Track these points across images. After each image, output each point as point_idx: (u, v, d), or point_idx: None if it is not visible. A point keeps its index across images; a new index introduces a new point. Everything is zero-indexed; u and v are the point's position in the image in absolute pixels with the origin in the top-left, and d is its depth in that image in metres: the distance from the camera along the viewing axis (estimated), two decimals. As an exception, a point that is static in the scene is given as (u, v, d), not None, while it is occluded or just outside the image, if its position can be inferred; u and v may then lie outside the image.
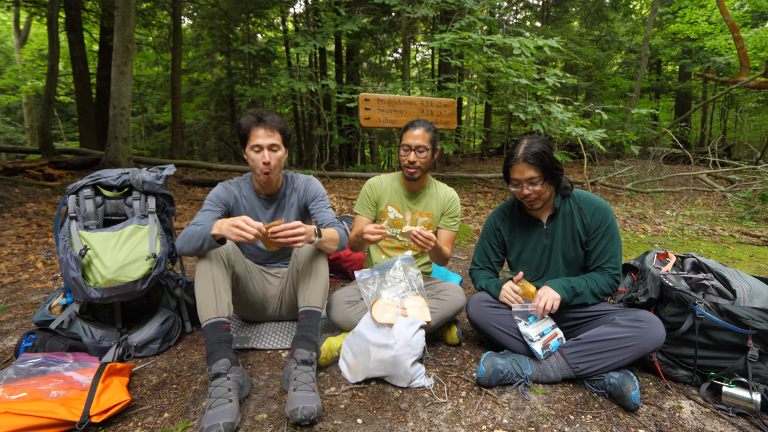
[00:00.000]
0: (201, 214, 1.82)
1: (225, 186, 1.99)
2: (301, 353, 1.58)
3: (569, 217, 1.85)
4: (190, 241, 1.63)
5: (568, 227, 1.85)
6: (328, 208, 2.02)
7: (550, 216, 1.88)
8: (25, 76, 12.71)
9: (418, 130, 2.03)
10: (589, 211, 1.82)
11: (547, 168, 1.73)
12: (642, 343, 1.59)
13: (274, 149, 1.86)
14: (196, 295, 1.64)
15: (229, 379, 1.46)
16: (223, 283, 1.65)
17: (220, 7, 11.11)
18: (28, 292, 2.75)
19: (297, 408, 1.37)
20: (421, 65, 16.95)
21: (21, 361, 1.54)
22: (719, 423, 1.49)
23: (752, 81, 8.75)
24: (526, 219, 1.93)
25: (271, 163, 1.84)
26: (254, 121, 1.84)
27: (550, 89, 5.78)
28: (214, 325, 1.58)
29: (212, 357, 1.51)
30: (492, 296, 1.89)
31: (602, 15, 13.95)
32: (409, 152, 2.02)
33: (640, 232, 5.11)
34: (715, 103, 15.89)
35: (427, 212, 2.15)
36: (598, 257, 1.81)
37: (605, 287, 1.77)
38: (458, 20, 6.44)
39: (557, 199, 1.86)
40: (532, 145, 1.74)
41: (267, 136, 1.83)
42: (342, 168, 9.49)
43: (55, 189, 5.65)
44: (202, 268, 1.65)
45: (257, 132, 1.83)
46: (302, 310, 1.73)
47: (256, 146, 1.83)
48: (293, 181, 2.09)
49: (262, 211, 2.04)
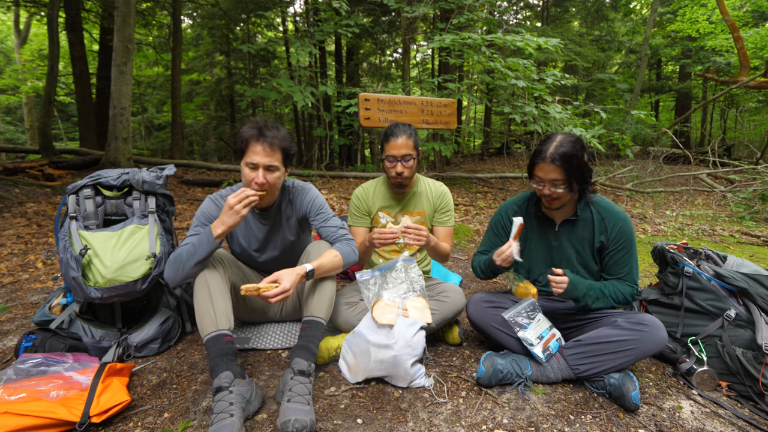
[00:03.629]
0: (189, 236, 1.70)
1: (214, 200, 1.81)
2: (299, 363, 1.51)
3: (587, 226, 1.78)
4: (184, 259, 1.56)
5: (585, 235, 1.78)
6: (329, 220, 1.88)
7: (566, 220, 1.80)
8: (25, 76, 12.72)
9: (400, 138, 1.93)
10: (611, 223, 1.74)
11: (575, 172, 1.62)
12: (643, 347, 1.58)
13: (272, 170, 1.68)
14: (195, 311, 1.59)
15: (232, 392, 1.39)
16: (220, 295, 1.59)
17: (220, 7, 11.11)
18: (28, 292, 2.75)
19: (289, 420, 1.31)
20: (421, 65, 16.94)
21: (21, 362, 1.53)
22: (719, 423, 1.49)
23: (752, 81, 8.75)
24: (541, 217, 1.86)
25: (265, 185, 1.67)
26: (255, 134, 1.64)
27: (549, 89, 5.78)
28: (214, 338, 1.52)
29: (214, 371, 1.44)
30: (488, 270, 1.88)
31: (602, 15, 13.96)
32: (395, 163, 1.94)
33: (640, 232, 5.11)
34: (715, 103, 15.89)
35: (418, 211, 2.14)
36: (618, 268, 1.75)
37: (627, 294, 1.73)
38: (457, 17, 6.44)
39: (580, 205, 1.78)
40: (563, 144, 1.62)
41: (266, 155, 1.64)
42: (342, 168, 9.49)
43: (55, 189, 5.65)
44: (198, 283, 1.60)
45: (256, 148, 1.64)
46: (305, 319, 1.68)
47: (252, 164, 1.65)
48: (290, 192, 1.92)
49: (257, 226, 1.93)
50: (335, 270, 1.74)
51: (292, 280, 1.56)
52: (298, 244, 2.00)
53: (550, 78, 5.56)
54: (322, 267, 1.68)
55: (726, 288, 1.77)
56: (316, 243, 1.86)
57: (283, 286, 1.53)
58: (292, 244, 1.98)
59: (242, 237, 1.94)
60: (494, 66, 5.66)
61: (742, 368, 1.64)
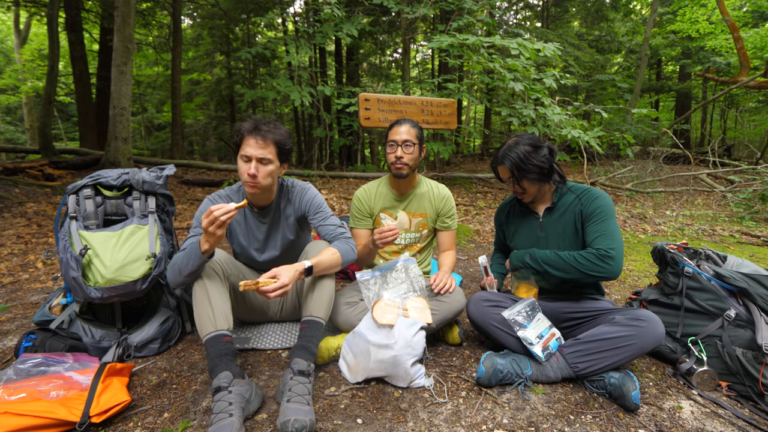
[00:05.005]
0: (188, 239, 1.72)
1: (212, 200, 1.84)
2: (298, 363, 1.52)
3: (569, 210, 1.85)
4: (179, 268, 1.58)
5: (568, 220, 1.85)
6: (328, 219, 1.89)
7: (547, 209, 1.90)
8: (25, 76, 12.73)
9: (403, 126, 2.04)
10: (586, 198, 1.83)
11: (525, 171, 1.77)
12: (641, 342, 1.59)
13: (264, 162, 1.71)
14: (194, 313, 1.59)
15: (231, 392, 1.39)
16: (218, 296, 1.59)
17: (220, 7, 11.12)
18: (28, 292, 2.75)
19: (289, 420, 1.31)
20: (421, 65, 16.94)
21: (21, 362, 1.53)
22: (719, 423, 1.49)
23: (752, 81, 8.75)
24: (525, 211, 1.99)
25: (257, 176, 1.70)
26: (250, 129, 1.71)
27: (548, 90, 5.78)
28: (213, 339, 1.52)
29: (214, 371, 1.45)
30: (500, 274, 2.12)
31: (602, 15, 13.95)
32: (395, 148, 2.02)
33: (640, 232, 5.11)
34: (715, 103, 15.89)
35: (420, 212, 2.15)
36: (591, 238, 1.76)
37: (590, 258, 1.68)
38: (457, 19, 6.44)
39: (556, 195, 1.89)
40: (513, 148, 1.80)
41: (259, 147, 1.69)
42: (342, 168, 9.49)
43: (55, 189, 5.66)
44: (196, 286, 1.60)
45: (249, 141, 1.70)
46: (305, 319, 1.68)
47: (246, 156, 1.70)
48: (289, 192, 1.94)
49: (257, 226, 1.93)
50: (334, 267, 1.75)
51: (290, 276, 1.56)
52: (297, 244, 2.00)
53: (549, 79, 5.56)
54: (320, 264, 1.69)
55: (726, 288, 1.77)
56: (314, 242, 1.87)
57: (282, 281, 1.52)
58: (292, 243, 1.98)
59: (242, 236, 1.94)
60: (493, 67, 5.66)
61: (742, 368, 1.64)
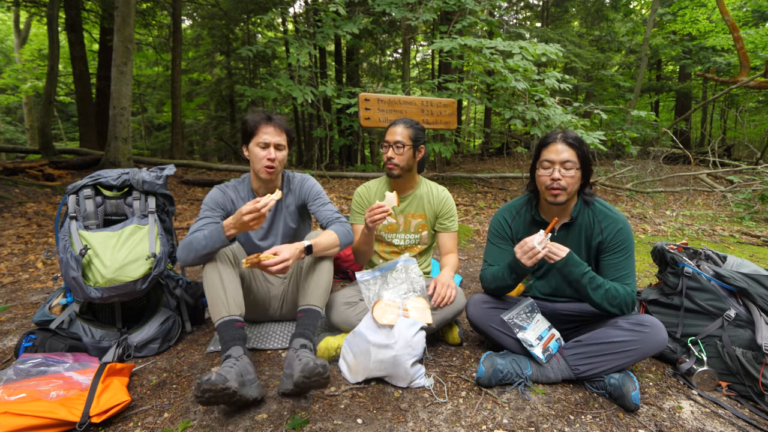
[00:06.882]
0: (199, 221, 1.81)
1: (222, 189, 1.98)
2: (299, 341, 1.60)
3: (585, 230, 1.75)
4: (195, 248, 1.64)
5: (582, 240, 1.75)
6: (326, 205, 2.02)
7: (563, 224, 1.77)
8: (25, 76, 12.71)
9: (398, 127, 2.05)
10: (607, 225, 1.71)
11: (584, 159, 1.67)
12: (644, 348, 1.58)
13: (280, 148, 1.89)
14: (206, 296, 1.65)
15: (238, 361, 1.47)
16: (232, 283, 1.67)
17: (220, 7, 11.12)
18: (28, 292, 2.75)
19: (309, 361, 1.40)
20: (421, 65, 16.93)
21: (21, 362, 1.53)
22: (719, 423, 1.49)
23: (752, 81, 8.76)
24: (539, 222, 1.80)
25: (276, 160, 1.86)
26: (263, 118, 1.87)
27: (549, 90, 5.78)
28: (226, 323, 1.60)
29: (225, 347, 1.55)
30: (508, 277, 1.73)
31: (602, 15, 13.96)
32: (387, 148, 2.05)
33: (640, 232, 5.11)
34: (715, 103, 15.87)
35: (419, 213, 2.15)
36: (614, 272, 1.68)
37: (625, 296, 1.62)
38: (459, 21, 6.44)
39: (575, 208, 1.75)
40: (571, 132, 1.70)
41: (275, 134, 1.87)
42: (342, 168, 9.49)
43: (55, 189, 5.66)
44: (209, 269, 1.67)
45: (266, 129, 1.85)
46: (301, 308, 1.74)
47: (263, 143, 1.85)
48: (290, 182, 2.08)
49: None
50: (332, 248, 1.82)
51: (291, 252, 1.62)
52: (298, 232, 2.12)
53: (551, 79, 5.55)
54: (319, 244, 1.76)
55: (726, 288, 1.77)
56: (314, 232, 1.96)
57: (283, 256, 1.59)
58: (294, 232, 2.10)
59: None
60: (494, 67, 5.66)
61: (742, 368, 1.64)
